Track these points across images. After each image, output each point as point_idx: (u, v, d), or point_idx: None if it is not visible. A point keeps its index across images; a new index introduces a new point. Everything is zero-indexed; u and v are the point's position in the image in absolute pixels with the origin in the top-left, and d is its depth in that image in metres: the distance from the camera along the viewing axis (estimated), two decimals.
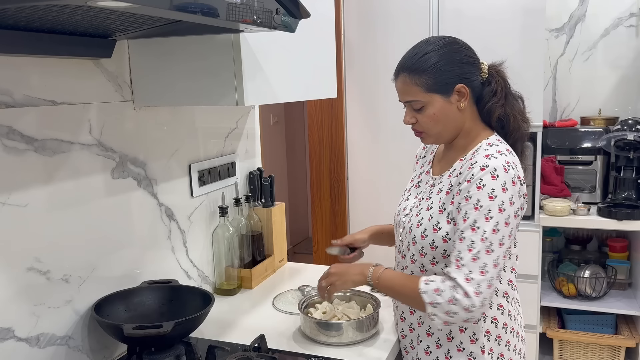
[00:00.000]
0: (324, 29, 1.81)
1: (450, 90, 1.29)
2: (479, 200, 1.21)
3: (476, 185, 1.22)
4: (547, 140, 2.92)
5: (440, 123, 1.31)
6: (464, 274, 1.19)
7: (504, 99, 1.34)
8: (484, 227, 1.20)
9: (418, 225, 1.34)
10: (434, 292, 1.20)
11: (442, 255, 1.30)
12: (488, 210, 1.20)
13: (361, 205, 3.16)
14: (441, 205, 1.31)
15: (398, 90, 1.33)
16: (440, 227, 1.29)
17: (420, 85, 1.28)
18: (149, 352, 1.30)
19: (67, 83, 1.30)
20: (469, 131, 1.34)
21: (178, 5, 0.88)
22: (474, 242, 1.20)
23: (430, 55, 1.28)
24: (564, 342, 2.80)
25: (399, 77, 1.32)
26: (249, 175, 2.01)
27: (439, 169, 1.42)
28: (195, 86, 1.41)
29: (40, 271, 1.23)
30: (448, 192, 1.31)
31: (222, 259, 1.83)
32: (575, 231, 3.05)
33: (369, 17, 2.95)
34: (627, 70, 3.05)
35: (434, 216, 1.31)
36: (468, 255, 1.20)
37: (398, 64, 1.33)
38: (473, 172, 1.24)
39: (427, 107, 1.29)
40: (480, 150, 1.29)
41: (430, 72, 1.27)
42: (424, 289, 1.21)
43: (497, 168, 1.22)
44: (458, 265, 1.20)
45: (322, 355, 1.39)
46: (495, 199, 1.21)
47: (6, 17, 0.94)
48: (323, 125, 3.18)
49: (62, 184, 1.29)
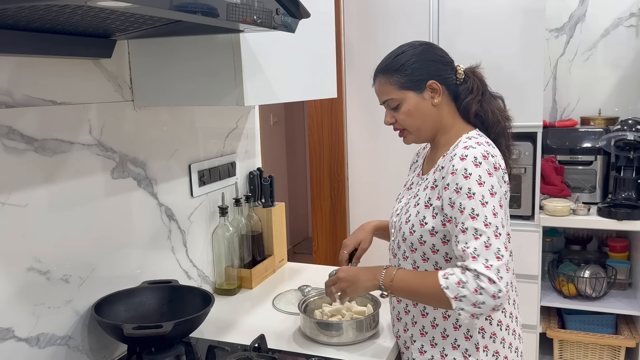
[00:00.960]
0: (324, 29, 1.81)
1: (423, 86, 1.34)
2: (470, 189, 1.22)
3: (462, 175, 1.24)
4: (547, 140, 2.92)
5: (416, 119, 1.35)
6: (482, 263, 1.17)
7: (481, 96, 1.38)
8: (483, 212, 1.21)
9: (406, 222, 1.36)
10: (456, 286, 1.17)
11: (432, 250, 1.32)
12: (482, 196, 1.21)
13: (361, 205, 3.16)
14: (427, 201, 1.33)
15: (376, 93, 1.40)
16: (427, 222, 1.31)
17: (394, 83, 1.34)
18: (149, 352, 1.30)
19: (67, 83, 1.30)
20: (449, 128, 1.38)
21: (178, 5, 0.88)
22: (477, 229, 1.20)
23: (403, 55, 1.36)
24: (564, 342, 2.79)
25: (376, 80, 1.39)
26: (249, 175, 2.01)
27: (426, 169, 1.44)
28: (195, 86, 1.41)
29: (40, 271, 1.23)
30: (433, 187, 1.33)
31: (222, 259, 1.83)
32: (575, 231, 3.05)
33: (369, 17, 2.95)
34: (627, 70, 3.04)
35: (420, 211, 1.33)
36: (478, 244, 1.19)
37: (375, 69, 1.40)
38: (453, 163, 1.26)
39: (402, 104, 1.35)
40: (460, 143, 1.32)
41: (402, 70, 1.34)
42: (445, 284, 1.19)
43: (476, 156, 1.25)
44: (474, 257, 1.18)
45: (322, 355, 1.39)
46: (484, 184, 1.22)
47: (6, 17, 0.94)
48: (323, 125, 3.18)
49: (62, 184, 1.29)
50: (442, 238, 1.30)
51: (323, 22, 1.81)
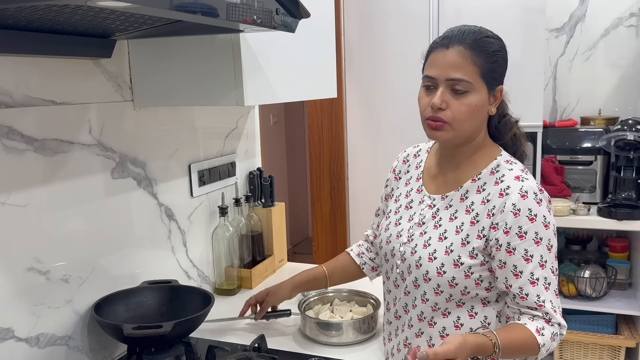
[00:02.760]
0: (324, 29, 1.81)
1: (494, 87, 1.15)
2: (537, 234, 1.11)
3: (527, 218, 1.10)
4: (547, 140, 2.92)
5: (474, 119, 1.14)
6: (559, 313, 1.14)
7: (516, 121, 1.26)
8: (550, 259, 1.13)
9: (431, 259, 1.16)
10: (550, 341, 1.12)
11: (462, 292, 1.16)
12: (548, 241, 1.12)
13: (361, 205, 3.16)
14: (464, 238, 1.15)
15: (445, 63, 1.11)
16: (463, 263, 1.14)
17: (479, 66, 1.10)
18: (148, 352, 1.30)
19: (67, 83, 1.30)
20: (480, 144, 1.20)
21: (178, 5, 0.88)
22: (546, 278, 1.12)
23: (493, 41, 1.14)
24: (564, 342, 2.79)
25: (454, 47, 1.11)
26: (249, 175, 2.01)
27: (435, 186, 1.25)
28: (195, 86, 1.41)
29: (40, 271, 1.23)
30: (472, 222, 1.15)
31: (222, 259, 1.83)
32: (575, 231, 3.05)
33: (369, 17, 2.95)
34: (627, 70, 3.04)
35: (455, 250, 1.15)
36: (551, 295, 1.13)
37: (451, 34, 1.13)
38: (513, 201, 1.11)
39: (472, 94, 1.11)
40: (502, 169, 1.17)
41: (490, 57, 1.12)
42: (542, 341, 1.11)
43: (535, 192, 1.12)
44: (555, 310, 1.13)
45: (322, 355, 1.39)
46: (549, 226, 1.12)
47: (6, 17, 0.94)
48: (323, 125, 3.18)
49: (62, 184, 1.29)
50: (477, 279, 1.15)
51: (323, 22, 1.81)
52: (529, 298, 1.11)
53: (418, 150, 1.37)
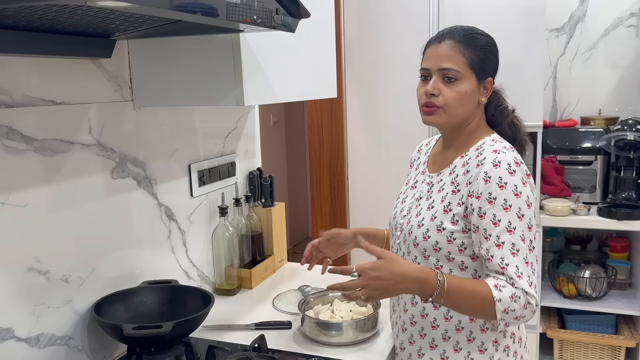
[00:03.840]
0: (324, 29, 1.81)
1: (483, 79, 1.28)
2: (506, 200, 1.18)
3: (497, 185, 1.18)
4: (547, 140, 2.92)
5: (463, 105, 1.26)
6: (526, 281, 1.16)
7: (512, 110, 1.37)
8: (520, 226, 1.17)
9: (419, 226, 1.29)
10: (509, 300, 1.14)
11: (447, 258, 1.25)
12: (518, 209, 1.18)
13: (361, 205, 3.16)
14: (446, 205, 1.26)
15: (437, 55, 1.26)
16: (444, 228, 1.25)
17: (467, 57, 1.25)
18: (148, 352, 1.30)
19: (67, 83, 1.30)
20: (474, 129, 1.32)
21: (178, 5, 0.88)
22: (514, 244, 1.17)
23: (482, 37, 1.29)
24: (564, 342, 2.79)
25: (445, 42, 1.26)
26: (249, 175, 2.01)
27: (435, 167, 1.38)
28: (195, 86, 1.41)
29: (40, 271, 1.23)
30: (454, 191, 1.26)
31: (222, 259, 1.83)
32: (575, 231, 3.05)
33: (369, 17, 2.95)
34: (627, 70, 3.04)
35: (438, 216, 1.26)
36: (518, 261, 1.16)
37: (443, 31, 1.29)
38: (485, 169, 1.20)
39: (461, 83, 1.25)
40: (485, 145, 1.27)
41: (479, 50, 1.26)
42: (498, 297, 1.14)
43: (509, 163, 1.20)
44: (519, 275, 1.15)
45: (322, 355, 1.39)
46: (520, 195, 1.18)
47: (6, 17, 0.94)
48: (323, 125, 3.18)
49: (62, 184, 1.29)
50: (460, 245, 1.24)
51: (323, 22, 1.81)
52: (493, 260, 1.18)
53: (430, 140, 1.53)
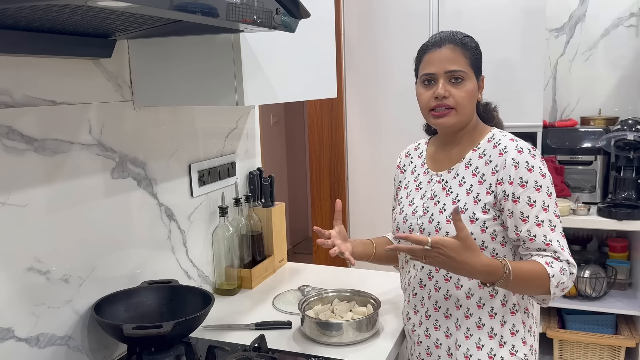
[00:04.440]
0: (324, 29, 1.81)
1: (479, 76, 1.35)
2: (537, 182, 1.25)
3: (526, 169, 1.25)
4: (547, 140, 2.92)
5: (471, 103, 1.33)
6: (568, 252, 1.25)
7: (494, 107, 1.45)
8: (551, 205, 1.26)
9: (448, 221, 1.29)
10: (560, 273, 1.21)
11: (481, 247, 1.26)
12: (547, 188, 1.26)
13: (361, 205, 3.16)
14: (475, 196, 1.29)
15: (442, 59, 1.31)
16: (477, 218, 1.28)
17: (468, 58, 1.31)
18: (148, 352, 1.30)
19: (67, 83, 1.30)
20: (475, 126, 1.38)
21: (178, 5, 0.88)
22: (551, 221, 1.25)
23: (470, 39, 1.35)
24: (564, 342, 2.79)
25: (446, 46, 1.31)
26: (249, 175, 2.01)
27: (440, 165, 1.40)
28: (195, 86, 1.41)
29: (40, 271, 1.23)
30: (480, 182, 1.30)
31: (222, 259, 1.83)
32: (575, 231, 3.05)
33: (369, 17, 2.95)
34: (627, 70, 3.04)
35: (469, 208, 1.29)
36: (557, 236, 1.25)
37: (439, 37, 1.33)
38: (512, 156, 1.27)
39: (467, 82, 1.31)
40: (498, 136, 1.34)
41: (473, 51, 1.33)
42: (552, 272, 1.21)
43: (529, 148, 1.28)
44: (562, 248, 1.24)
45: (322, 355, 1.39)
46: (545, 175, 1.27)
47: (6, 17, 0.94)
48: (323, 125, 3.18)
49: (62, 184, 1.29)
50: (492, 233, 1.28)
51: (323, 22, 1.81)
52: (537, 239, 1.24)
53: (417, 144, 1.53)
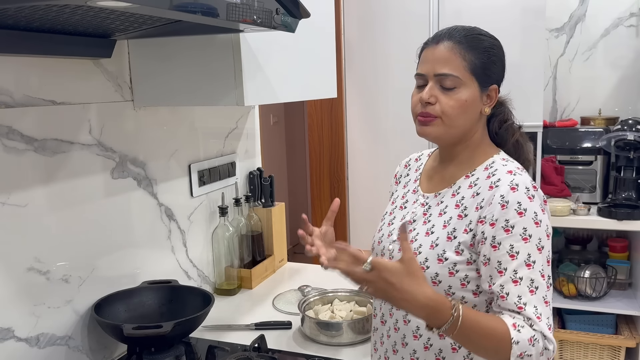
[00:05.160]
0: (324, 29, 1.81)
1: (487, 86, 1.12)
2: (526, 230, 1.03)
3: (516, 211, 1.03)
4: (547, 140, 2.92)
5: (464, 115, 1.11)
6: (546, 324, 1.01)
7: (519, 127, 1.22)
8: (539, 261, 1.03)
9: (415, 254, 1.11)
10: (528, 343, 0.99)
11: (446, 292, 1.08)
12: (538, 240, 1.03)
13: (361, 205, 3.16)
14: (450, 232, 1.09)
15: (435, 59, 1.11)
16: (447, 258, 1.08)
17: (467, 60, 1.09)
18: (148, 352, 1.30)
19: (67, 83, 1.30)
20: (478, 144, 1.17)
21: (178, 5, 0.88)
22: (533, 281, 1.02)
23: (486, 39, 1.14)
24: (564, 342, 2.79)
25: (443, 43, 1.11)
26: (249, 175, 2.01)
27: (431, 186, 1.22)
28: (195, 86, 1.41)
29: (40, 271, 1.23)
30: (460, 216, 1.10)
31: (222, 259, 1.83)
32: (575, 231, 3.05)
33: (369, 17, 2.95)
34: (627, 70, 3.04)
35: (440, 244, 1.10)
36: (537, 300, 1.02)
37: (442, 32, 1.14)
38: (501, 192, 1.05)
39: (461, 90, 1.10)
40: (497, 165, 1.12)
41: (482, 53, 1.11)
42: (517, 338, 0.99)
43: (528, 187, 1.06)
44: (538, 317, 1.01)
45: (322, 355, 1.39)
46: (540, 224, 1.04)
47: (6, 17, 0.94)
48: (323, 125, 3.18)
49: (62, 184, 1.29)
50: (463, 279, 1.07)
51: (323, 22, 1.81)
52: (509, 298, 1.02)
53: (420, 155, 1.36)
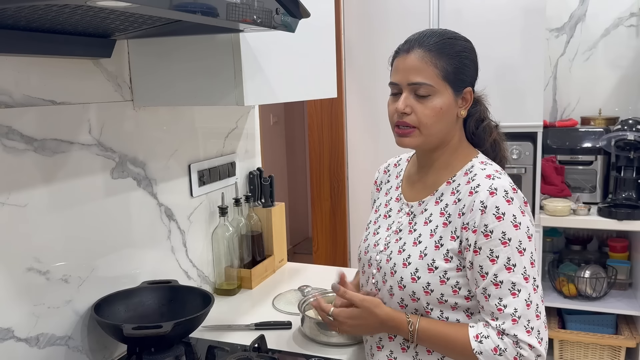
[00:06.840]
0: (324, 29, 1.81)
1: (461, 89, 1.13)
2: (505, 234, 1.03)
3: (494, 216, 1.04)
4: (547, 140, 2.92)
5: (441, 122, 1.12)
6: (523, 327, 1.01)
7: (495, 125, 1.23)
8: (521, 262, 1.03)
9: (405, 265, 1.12)
10: (493, 353, 1.01)
11: (439, 300, 1.10)
12: (519, 242, 1.04)
13: (361, 205, 3.16)
14: (437, 240, 1.11)
15: (406, 68, 1.11)
16: (437, 267, 1.09)
17: (440, 69, 1.09)
18: (148, 353, 1.30)
19: (66, 83, 1.30)
20: (456, 148, 1.18)
21: (178, 5, 0.88)
22: (515, 284, 1.03)
23: (457, 42, 1.13)
24: (565, 342, 2.79)
25: (414, 52, 1.10)
26: (249, 175, 2.01)
27: (414, 193, 1.22)
28: (195, 86, 1.41)
29: (40, 271, 1.23)
30: (445, 223, 1.11)
31: (222, 259, 1.83)
32: (575, 231, 3.05)
33: (369, 17, 2.95)
34: (627, 70, 3.04)
35: (428, 253, 1.11)
36: (518, 303, 1.02)
37: (412, 38, 1.14)
38: (481, 198, 1.06)
39: (435, 98, 1.10)
40: (475, 169, 1.13)
41: (453, 58, 1.10)
42: (479, 349, 1.01)
43: (507, 190, 1.06)
44: (514, 319, 1.01)
45: (322, 355, 1.39)
46: (520, 226, 1.04)
47: (6, 17, 0.94)
48: (323, 125, 3.18)
49: (62, 184, 1.29)
50: (454, 286, 1.09)
51: (323, 22, 1.81)
52: (490, 301, 1.04)
53: (398, 160, 1.36)
